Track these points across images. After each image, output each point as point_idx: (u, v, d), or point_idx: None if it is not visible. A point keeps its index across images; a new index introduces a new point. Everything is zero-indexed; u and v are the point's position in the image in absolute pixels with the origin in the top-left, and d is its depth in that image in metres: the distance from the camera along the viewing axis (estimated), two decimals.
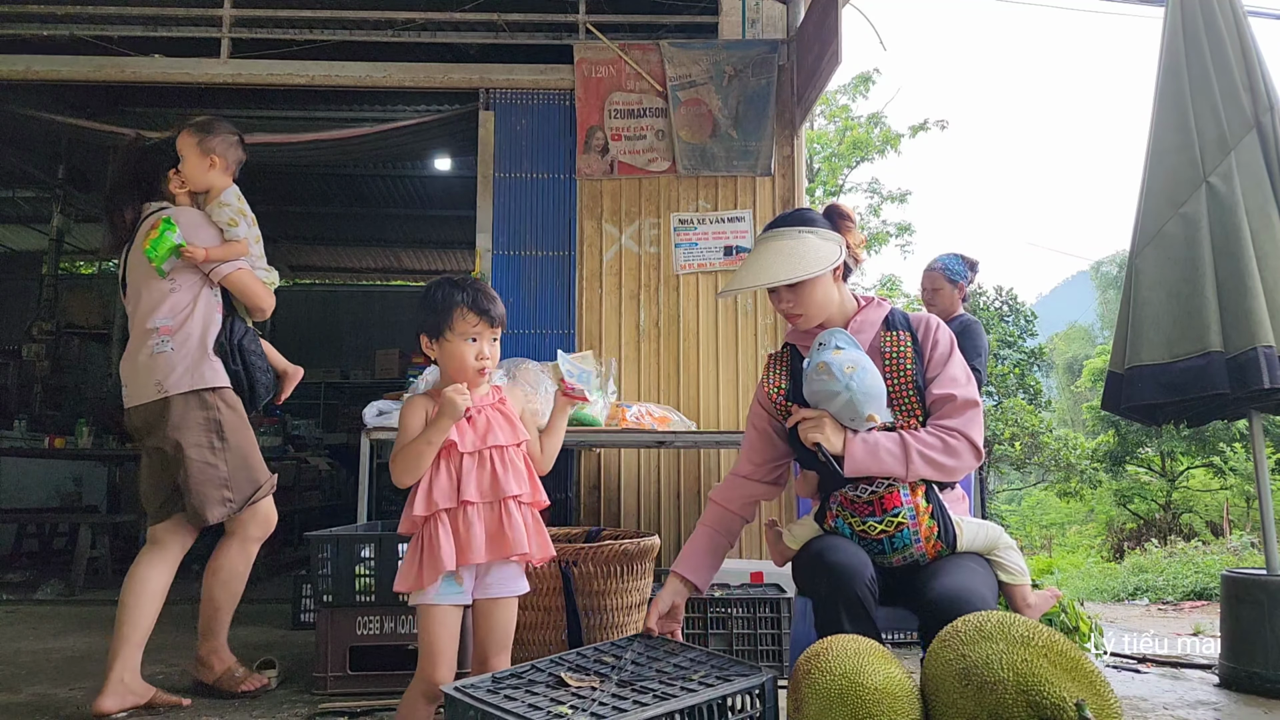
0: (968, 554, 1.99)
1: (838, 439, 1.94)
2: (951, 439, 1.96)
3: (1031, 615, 1.97)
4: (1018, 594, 2.03)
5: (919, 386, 2.02)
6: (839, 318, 2.14)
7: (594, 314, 4.75)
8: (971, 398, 2.00)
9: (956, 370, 2.03)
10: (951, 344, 2.08)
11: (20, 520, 6.20)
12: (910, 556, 1.95)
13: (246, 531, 2.84)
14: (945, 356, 2.05)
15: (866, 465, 1.92)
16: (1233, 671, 2.94)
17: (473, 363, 1.90)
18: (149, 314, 2.75)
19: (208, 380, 2.72)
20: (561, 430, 2.08)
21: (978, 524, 2.02)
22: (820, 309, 2.11)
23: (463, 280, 1.94)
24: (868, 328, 2.12)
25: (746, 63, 4.79)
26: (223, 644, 2.85)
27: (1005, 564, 2.01)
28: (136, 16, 5.10)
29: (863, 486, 1.95)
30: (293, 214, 9.21)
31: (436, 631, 1.84)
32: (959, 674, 1.49)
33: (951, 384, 2.02)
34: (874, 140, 13.12)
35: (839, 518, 2.00)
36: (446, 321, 1.89)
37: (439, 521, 1.82)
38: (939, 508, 1.96)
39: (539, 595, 2.51)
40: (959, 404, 1.99)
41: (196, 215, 2.84)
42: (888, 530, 1.93)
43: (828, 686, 1.55)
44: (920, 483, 1.95)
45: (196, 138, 2.86)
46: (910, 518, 1.93)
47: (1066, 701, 1.37)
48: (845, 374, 1.93)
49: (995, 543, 2.01)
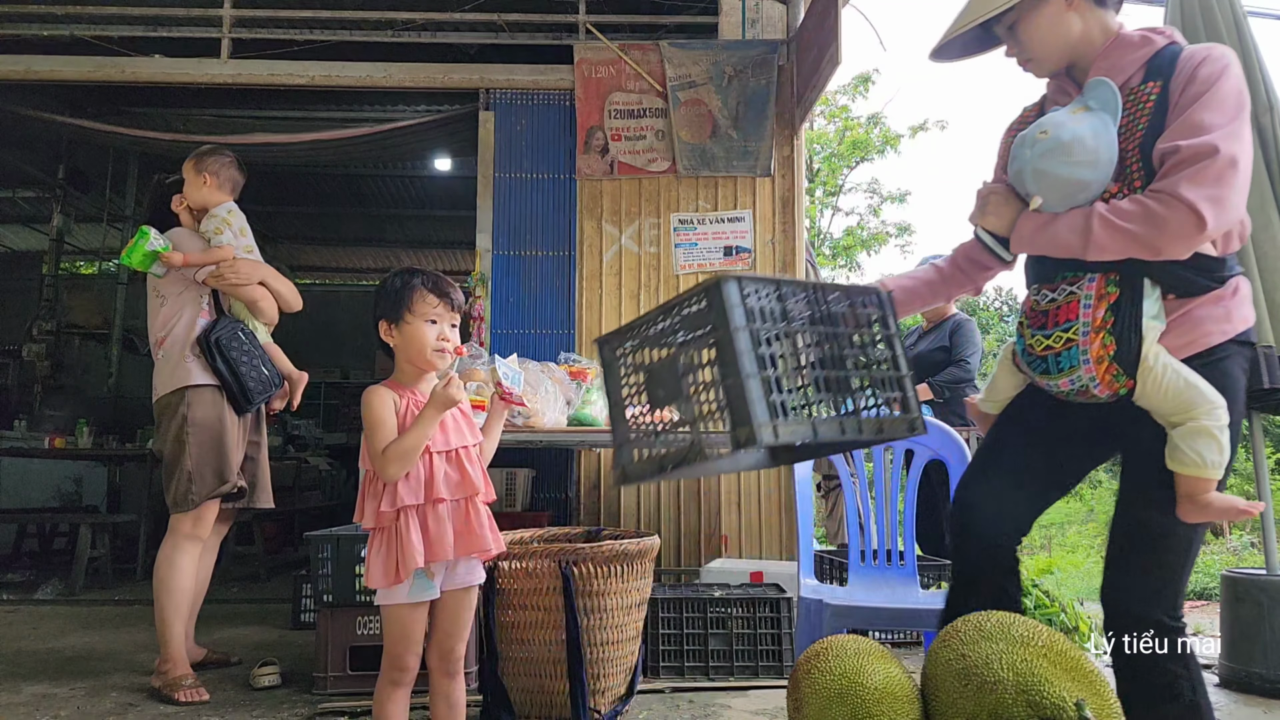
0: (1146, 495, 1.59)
1: (1003, 216, 1.62)
2: (1153, 202, 1.49)
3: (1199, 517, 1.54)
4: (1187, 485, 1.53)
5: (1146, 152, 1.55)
6: (1085, 55, 1.66)
7: (594, 314, 4.74)
8: (1205, 146, 1.47)
9: (1202, 114, 1.50)
10: (1214, 81, 1.53)
11: (20, 520, 6.19)
12: (1079, 381, 1.58)
13: (181, 527, 2.91)
14: (1194, 99, 1.53)
15: (1032, 241, 1.60)
16: (1232, 671, 2.94)
17: (433, 343, 1.90)
18: (151, 330, 3.04)
19: (181, 380, 2.93)
20: (498, 433, 2.09)
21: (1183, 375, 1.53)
22: (1049, 48, 1.67)
23: (421, 269, 1.98)
24: (1118, 73, 1.62)
25: (746, 63, 4.79)
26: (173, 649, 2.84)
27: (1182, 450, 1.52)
28: (136, 16, 5.10)
29: (1044, 291, 1.65)
30: (293, 214, 9.22)
31: (411, 627, 1.87)
32: (959, 674, 1.49)
33: (1182, 132, 1.51)
34: (874, 140, 13.10)
35: (1020, 334, 1.70)
36: (406, 303, 1.90)
37: (408, 517, 1.83)
38: (1128, 327, 1.54)
39: (539, 595, 2.51)
40: (1182, 157, 1.49)
41: (184, 231, 3.09)
42: (1054, 347, 1.59)
43: (828, 686, 1.55)
44: (1111, 290, 1.56)
45: (194, 160, 3.12)
46: (1083, 333, 1.56)
47: (1066, 701, 1.37)
48: (1031, 142, 1.59)
49: (1191, 408, 1.52)
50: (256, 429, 3.17)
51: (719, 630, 3.01)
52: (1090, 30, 1.66)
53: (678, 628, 3.00)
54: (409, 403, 1.90)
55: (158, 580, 2.89)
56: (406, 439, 1.82)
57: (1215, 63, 1.55)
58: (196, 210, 3.12)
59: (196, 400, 2.92)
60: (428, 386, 1.94)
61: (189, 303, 3.00)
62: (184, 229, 3.10)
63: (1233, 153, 1.47)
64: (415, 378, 1.95)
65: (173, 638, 2.83)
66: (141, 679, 3.00)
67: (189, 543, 2.92)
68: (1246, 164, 1.49)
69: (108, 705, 2.73)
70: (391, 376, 1.97)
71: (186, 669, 2.83)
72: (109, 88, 5.54)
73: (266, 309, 3.11)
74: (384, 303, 1.94)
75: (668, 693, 2.85)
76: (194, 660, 2.97)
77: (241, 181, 3.20)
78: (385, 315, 1.94)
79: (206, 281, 2.99)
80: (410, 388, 1.93)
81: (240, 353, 2.97)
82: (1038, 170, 1.58)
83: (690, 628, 3.00)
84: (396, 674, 1.89)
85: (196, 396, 2.92)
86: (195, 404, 2.91)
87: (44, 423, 6.97)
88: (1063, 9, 1.65)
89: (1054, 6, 1.64)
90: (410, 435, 1.82)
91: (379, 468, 1.83)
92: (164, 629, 2.84)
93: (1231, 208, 1.48)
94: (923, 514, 3.17)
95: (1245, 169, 1.49)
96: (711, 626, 3.01)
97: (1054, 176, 1.57)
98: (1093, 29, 1.66)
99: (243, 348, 2.99)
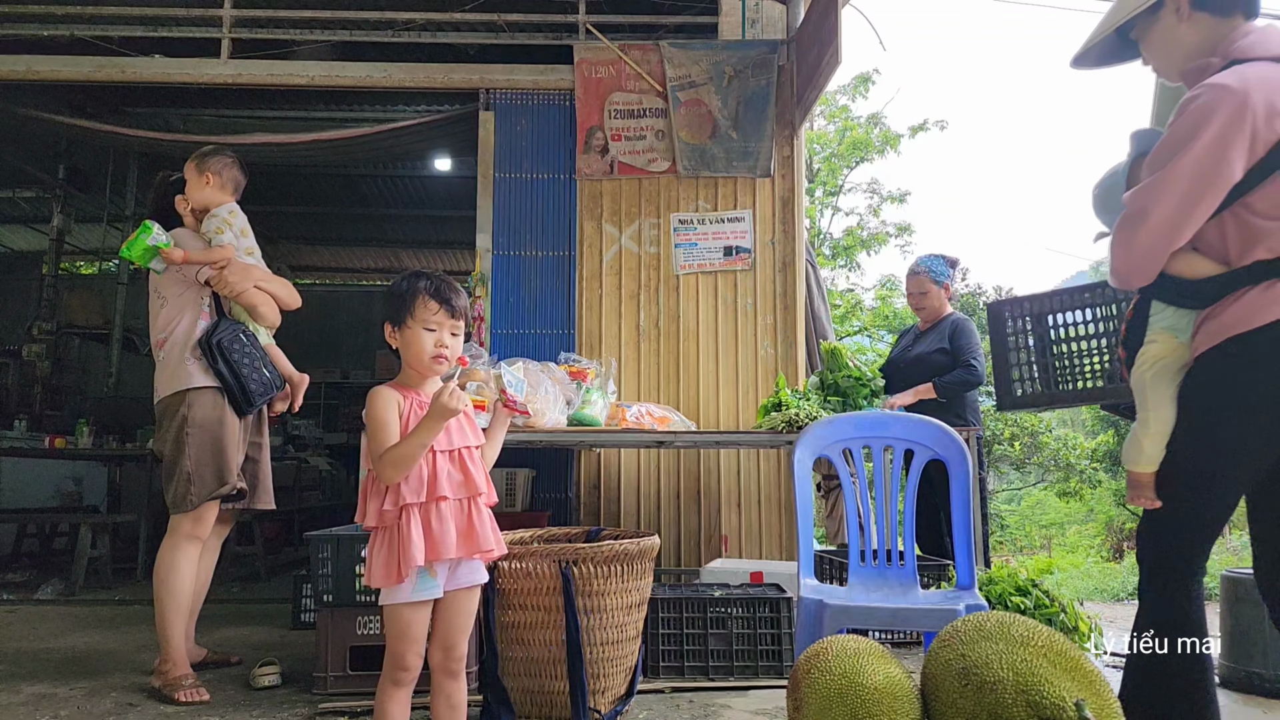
0: None
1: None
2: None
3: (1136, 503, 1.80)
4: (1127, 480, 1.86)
5: None
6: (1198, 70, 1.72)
7: (594, 314, 4.75)
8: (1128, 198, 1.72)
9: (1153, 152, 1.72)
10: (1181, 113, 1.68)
11: (20, 520, 6.19)
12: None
13: (180, 528, 2.92)
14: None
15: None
16: (1232, 671, 2.95)
17: (430, 350, 1.91)
18: (152, 331, 3.03)
19: (181, 382, 2.93)
20: (500, 440, 2.10)
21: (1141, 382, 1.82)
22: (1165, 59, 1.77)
23: (430, 272, 1.98)
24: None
25: (746, 63, 4.79)
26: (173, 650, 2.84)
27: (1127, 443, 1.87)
28: (137, 16, 5.10)
29: None
30: (293, 214, 9.22)
31: (414, 626, 1.88)
32: (959, 674, 1.49)
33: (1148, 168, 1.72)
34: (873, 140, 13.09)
35: None
36: (409, 308, 1.92)
37: (410, 515, 1.84)
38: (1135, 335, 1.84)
39: (539, 595, 2.51)
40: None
41: (186, 231, 3.10)
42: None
43: (828, 686, 1.55)
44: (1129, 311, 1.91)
45: (196, 160, 3.12)
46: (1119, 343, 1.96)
47: (1066, 701, 1.37)
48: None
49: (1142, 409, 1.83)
50: (257, 430, 3.17)
51: (719, 630, 3.01)
52: (1208, 40, 1.70)
53: (678, 628, 3.00)
54: (413, 404, 1.91)
55: (157, 580, 2.89)
56: (405, 446, 1.82)
57: (1184, 106, 1.67)
58: (198, 210, 3.12)
59: (197, 402, 2.92)
60: (432, 389, 1.95)
61: (189, 304, 3.00)
62: (186, 229, 3.10)
63: (1141, 205, 1.67)
64: (419, 381, 1.96)
65: (173, 638, 2.84)
66: (141, 679, 3.00)
67: (188, 543, 2.92)
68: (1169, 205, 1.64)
69: (108, 705, 2.73)
70: (397, 377, 1.99)
71: (187, 669, 2.83)
72: (109, 88, 5.55)
73: (266, 313, 3.11)
74: (389, 305, 1.96)
75: (668, 693, 2.85)
76: (194, 660, 2.97)
77: (244, 182, 3.21)
78: (389, 318, 1.96)
79: (208, 282, 3.00)
80: (415, 389, 1.95)
81: (241, 355, 2.97)
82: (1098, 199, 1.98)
83: (690, 628, 3.00)
84: (399, 674, 1.89)
85: (197, 398, 2.92)
86: (196, 406, 2.92)
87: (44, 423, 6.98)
88: (1175, 23, 1.73)
89: (1166, 21, 1.73)
90: (409, 442, 1.82)
91: (377, 470, 1.84)
92: (164, 629, 2.84)
93: (1141, 248, 1.68)
94: (923, 514, 3.18)
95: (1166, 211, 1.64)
96: (711, 626, 3.01)
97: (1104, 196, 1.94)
98: (1210, 39, 1.70)
99: (244, 350, 2.99)
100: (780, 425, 3.45)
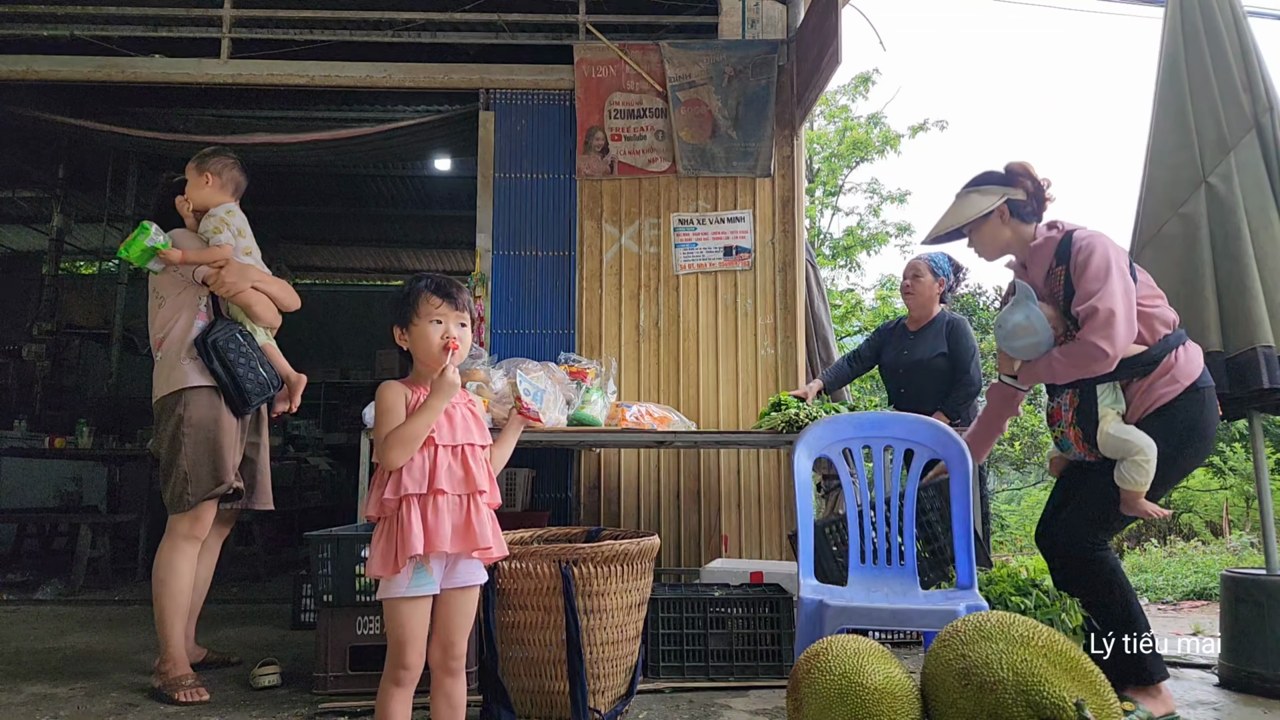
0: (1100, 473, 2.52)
1: (1007, 369, 2.71)
2: (1077, 346, 2.44)
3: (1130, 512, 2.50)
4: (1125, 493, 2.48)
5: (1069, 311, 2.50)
6: (1021, 250, 2.68)
7: (594, 314, 4.75)
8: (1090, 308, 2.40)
9: (1086, 286, 2.44)
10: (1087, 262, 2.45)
11: (20, 520, 6.19)
12: (1077, 455, 2.63)
13: (178, 528, 2.92)
14: (1079, 276, 2.46)
15: (1028, 379, 2.67)
16: (1232, 671, 2.94)
17: (438, 341, 1.95)
18: (150, 330, 3.04)
19: (178, 382, 2.94)
20: (511, 444, 2.15)
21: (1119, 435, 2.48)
22: (991, 249, 2.70)
23: (428, 272, 2.04)
24: (1040, 261, 2.62)
25: (746, 63, 4.79)
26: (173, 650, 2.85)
27: (1122, 473, 2.47)
28: (136, 16, 5.10)
29: (1050, 401, 2.68)
30: (293, 214, 9.21)
31: (411, 622, 1.89)
32: (959, 674, 1.49)
33: (1080, 300, 2.45)
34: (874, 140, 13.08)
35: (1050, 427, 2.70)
36: (413, 307, 1.97)
37: (410, 505, 1.86)
38: (1087, 419, 2.53)
39: (539, 595, 2.51)
40: (1083, 316, 2.44)
41: (184, 231, 3.11)
42: (1057, 436, 2.68)
43: (828, 686, 1.55)
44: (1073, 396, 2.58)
45: (197, 161, 3.13)
46: (1065, 428, 2.62)
47: (1066, 701, 1.37)
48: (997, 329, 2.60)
49: (1126, 452, 2.47)
50: (256, 431, 3.17)
51: (719, 630, 3.01)
52: (1018, 236, 2.68)
53: (678, 628, 3.00)
54: (419, 398, 1.95)
55: (156, 581, 2.89)
56: (410, 425, 1.87)
57: (1085, 249, 2.48)
58: (198, 210, 3.13)
59: (193, 402, 2.92)
60: None
61: (187, 304, 3.00)
62: (184, 230, 3.11)
63: (1109, 306, 2.40)
64: (429, 377, 1.99)
65: (172, 637, 2.84)
66: (141, 679, 3.00)
67: (187, 543, 2.92)
68: (1123, 305, 2.41)
69: (108, 705, 2.74)
70: (408, 376, 2.03)
71: (186, 669, 2.84)
72: (109, 88, 5.54)
73: (262, 313, 3.11)
74: (395, 309, 2.01)
75: (668, 693, 2.86)
76: (194, 660, 2.97)
77: (244, 183, 3.22)
78: (396, 321, 2.00)
79: (205, 281, 3.00)
80: (423, 386, 1.98)
81: (238, 355, 2.98)
82: (1007, 346, 2.65)
83: (690, 628, 3.00)
84: (399, 673, 1.90)
85: (193, 398, 2.93)
86: (192, 405, 2.92)
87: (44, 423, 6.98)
88: (998, 225, 2.67)
89: (992, 225, 2.67)
90: (414, 421, 1.87)
91: (382, 454, 1.88)
92: (164, 629, 2.85)
93: (1122, 336, 2.40)
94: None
95: (1122, 309, 2.41)
96: (711, 626, 3.00)
97: (1016, 348, 2.63)
98: (1020, 235, 2.68)
99: (240, 350, 2.99)
100: (780, 425, 3.45)
